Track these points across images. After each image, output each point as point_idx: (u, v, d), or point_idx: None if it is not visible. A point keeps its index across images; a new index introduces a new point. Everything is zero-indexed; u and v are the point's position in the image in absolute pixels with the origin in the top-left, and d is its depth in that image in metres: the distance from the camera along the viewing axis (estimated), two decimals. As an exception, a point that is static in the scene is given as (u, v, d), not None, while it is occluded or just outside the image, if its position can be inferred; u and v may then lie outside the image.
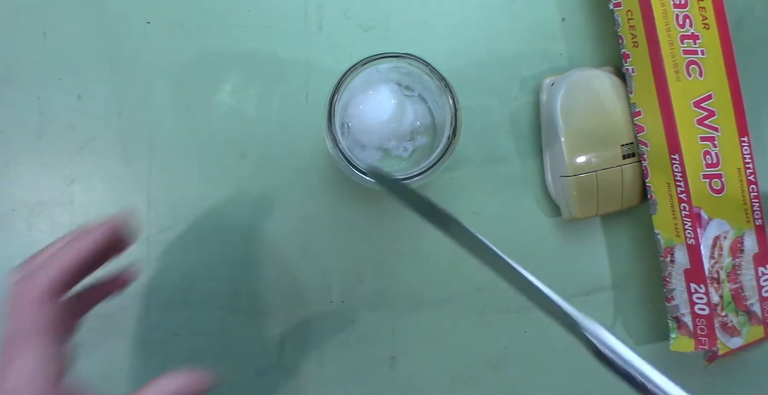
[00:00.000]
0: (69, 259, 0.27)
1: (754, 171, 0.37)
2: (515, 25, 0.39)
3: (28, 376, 0.26)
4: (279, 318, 0.38)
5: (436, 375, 0.39)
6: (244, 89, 0.37)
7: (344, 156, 0.30)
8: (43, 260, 0.28)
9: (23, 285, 0.27)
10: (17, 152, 0.36)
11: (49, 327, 0.27)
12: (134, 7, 0.37)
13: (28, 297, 0.26)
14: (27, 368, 0.26)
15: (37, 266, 0.27)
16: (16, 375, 0.25)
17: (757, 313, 0.37)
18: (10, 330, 0.27)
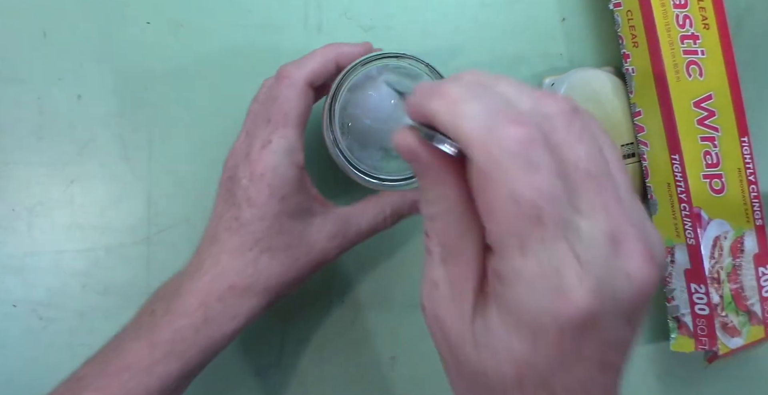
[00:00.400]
0: (327, 57, 0.30)
1: (755, 171, 0.37)
2: (515, 25, 0.39)
3: (277, 162, 0.28)
4: (279, 318, 0.38)
5: (436, 375, 0.39)
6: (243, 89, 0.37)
7: (344, 156, 0.30)
8: (306, 55, 0.30)
9: (290, 69, 0.29)
10: (17, 152, 0.36)
11: (304, 113, 0.29)
12: (134, 7, 0.37)
13: (293, 78, 0.29)
14: (280, 150, 0.28)
15: (302, 58, 0.30)
16: (268, 158, 0.28)
17: (757, 313, 0.37)
18: (266, 108, 0.29)
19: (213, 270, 0.28)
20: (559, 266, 0.17)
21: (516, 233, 0.17)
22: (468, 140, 0.17)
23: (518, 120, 0.17)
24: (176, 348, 0.27)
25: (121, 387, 0.27)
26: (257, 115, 0.30)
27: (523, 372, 0.18)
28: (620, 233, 0.18)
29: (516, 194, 0.16)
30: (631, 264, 0.18)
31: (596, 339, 0.18)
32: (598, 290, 0.17)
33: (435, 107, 0.18)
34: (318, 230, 0.30)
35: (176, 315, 0.28)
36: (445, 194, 0.19)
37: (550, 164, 0.17)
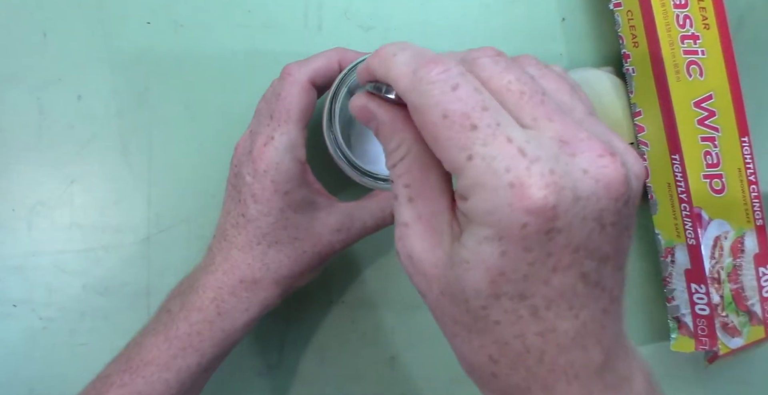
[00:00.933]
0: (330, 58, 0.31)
1: (755, 171, 0.37)
2: (515, 25, 0.39)
3: (279, 158, 0.29)
4: (279, 318, 0.38)
5: (436, 375, 0.39)
6: (244, 89, 0.37)
7: (344, 156, 0.30)
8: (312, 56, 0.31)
9: (293, 67, 0.30)
10: (17, 152, 0.36)
11: (306, 110, 0.30)
12: (134, 7, 0.37)
13: (296, 76, 0.30)
14: (281, 147, 0.29)
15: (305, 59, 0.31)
16: (271, 154, 0.29)
17: (757, 313, 0.37)
18: (269, 105, 0.30)
19: (224, 266, 0.30)
20: (508, 163, 0.17)
21: (459, 147, 0.17)
22: (396, 82, 0.19)
23: (438, 59, 0.19)
24: (193, 342, 0.29)
25: (144, 382, 0.28)
26: (261, 112, 0.30)
27: (497, 282, 0.18)
28: (568, 136, 0.18)
29: (445, 111, 0.18)
30: (584, 160, 0.18)
31: (566, 243, 0.17)
32: (552, 183, 0.17)
33: (372, 63, 0.21)
34: (323, 224, 0.31)
35: (191, 310, 0.29)
36: (401, 139, 0.21)
37: (472, 82, 0.18)
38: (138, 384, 0.28)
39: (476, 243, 0.18)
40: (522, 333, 0.19)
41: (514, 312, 0.18)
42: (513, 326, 0.18)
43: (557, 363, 0.19)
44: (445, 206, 0.20)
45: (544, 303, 0.18)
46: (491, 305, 0.18)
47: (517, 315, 0.18)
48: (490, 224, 0.17)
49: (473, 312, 0.19)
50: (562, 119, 0.19)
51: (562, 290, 0.18)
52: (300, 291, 0.38)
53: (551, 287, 0.18)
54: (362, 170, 0.30)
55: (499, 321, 0.19)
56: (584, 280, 0.18)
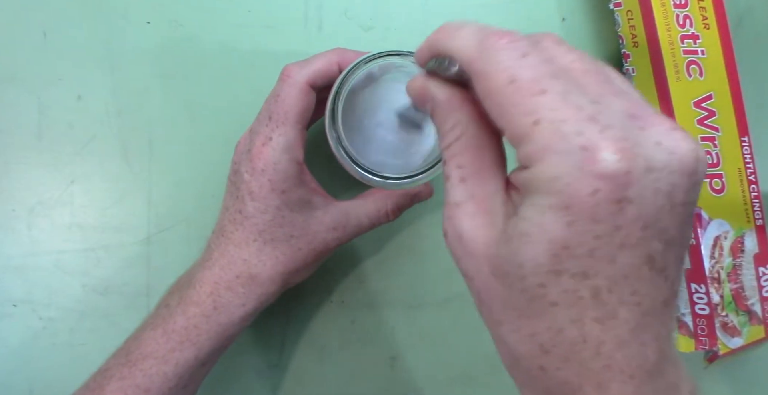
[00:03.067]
0: (330, 60, 0.30)
1: (755, 171, 0.37)
2: (515, 25, 0.39)
3: (277, 158, 0.29)
4: (279, 318, 0.38)
5: (436, 375, 0.39)
6: (243, 89, 0.37)
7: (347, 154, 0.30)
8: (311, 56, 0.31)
9: (292, 69, 0.30)
10: (17, 152, 0.36)
11: (304, 111, 0.30)
12: (134, 7, 0.37)
13: (295, 78, 0.30)
14: (279, 148, 0.29)
15: (305, 60, 0.31)
16: (268, 154, 0.29)
17: (757, 313, 0.37)
18: (269, 106, 0.30)
19: (221, 261, 0.30)
20: (579, 127, 0.16)
21: (525, 112, 0.17)
22: (461, 52, 0.19)
23: (506, 32, 0.18)
24: (190, 336, 0.29)
25: (143, 375, 0.29)
26: (261, 112, 0.31)
27: (559, 256, 0.17)
28: (637, 111, 0.17)
29: (513, 76, 0.17)
30: (657, 133, 0.17)
31: (637, 216, 0.16)
32: (626, 148, 0.16)
33: (434, 38, 0.20)
34: (319, 222, 0.31)
35: (188, 304, 0.30)
36: (457, 119, 0.20)
37: (542, 53, 0.18)
38: (137, 377, 0.29)
39: (539, 213, 0.17)
40: (580, 318, 0.17)
41: (574, 292, 0.17)
42: (571, 309, 0.17)
43: (614, 358, 0.17)
44: (499, 186, 0.20)
45: (607, 285, 0.17)
46: (550, 282, 0.17)
47: (576, 296, 0.17)
48: (557, 190, 0.16)
49: (528, 292, 0.18)
50: (628, 97, 0.18)
51: (627, 271, 0.17)
52: (300, 291, 0.38)
53: (617, 267, 0.17)
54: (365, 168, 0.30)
55: (557, 303, 0.17)
56: (650, 263, 0.17)
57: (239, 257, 0.30)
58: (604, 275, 0.17)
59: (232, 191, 0.31)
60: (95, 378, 0.30)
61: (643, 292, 0.17)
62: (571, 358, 0.18)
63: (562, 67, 0.18)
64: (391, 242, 0.39)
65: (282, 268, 0.31)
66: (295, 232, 0.30)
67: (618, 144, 0.16)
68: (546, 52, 0.19)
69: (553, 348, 0.18)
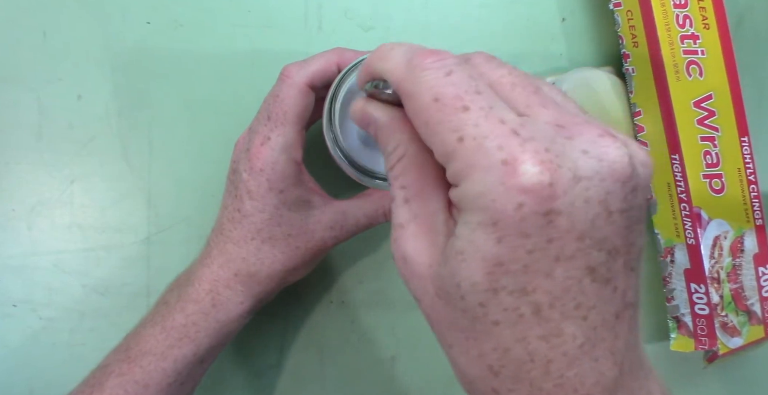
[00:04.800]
0: (329, 60, 0.30)
1: (755, 171, 0.37)
2: (515, 25, 0.39)
3: (275, 158, 0.29)
4: (279, 318, 0.38)
5: (436, 375, 0.39)
6: (243, 89, 0.37)
7: (344, 156, 0.30)
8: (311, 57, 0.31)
9: (292, 69, 0.30)
10: (17, 152, 0.36)
11: (303, 112, 0.30)
12: (134, 7, 0.37)
13: (294, 78, 0.30)
14: (277, 147, 0.29)
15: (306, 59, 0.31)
16: (267, 154, 0.29)
17: (757, 313, 0.37)
18: (268, 106, 0.30)
19: (219, 259, 0.31)
20: (500, 142, 0.16)
21: (450, 129, 0.17)
22: (392, 74, 0.19)
23: (433, 51, 0.19)
24: (188, 332, 0.30)
25: (142, 371, 0.29)
26: (261, 112, 0.31)
27: (494, 273, 0.16)
28: (564, 121, 0.17)
29: (437, 95, 0.17)
30: (583, 142, 0.17)
31: (569, 228, 0.16)
32: (547, 160, 0.16)
33: (369, 60, 0.21)
34: (317, 221, 0.31)
35: (187, 301, 0.30)
36: (398, 140, 0.20)
37: (466, 70, 0.18)
38: (136, 373, 0.29)
39: (470, 231, 0.17)
40: (524, 336, 0.17)
41: (514, 309, 0.17)
42: (513, 327, 0.17)
43: (566, 377, 0.17)
44: (441, 206, 0.19)
45: (548, 300, 0.16)
46: (489, 301, 0.17)
47: (517, 314, 0.17)
48: (483, 207, 0.16)
49: (470, 312, 0.17)
50: (557, 107, 0.18)
51: (568, 285, 0.16)
52: (300, 292, 0.38)
53: (555, 281, 0.16)
54: (362, 168, 0.30)
55: (498, 322, 0.17)
56: (592, 275, 0.17)
57: (238, 255, 0.30)
58: (543, 290, 0.16)
59: (230, 190, 0.31)
60: (94, 374, 0.30)
61: (589, 305, 0.17)
62: (521, 379, 0.17)
63: (490, 81, 0.18)
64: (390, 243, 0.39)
65: (280, 266, 0.31)
66: (293, 231, 0.31)
67: (539, 156, 0.16)
68: (474, 69, 0.19)
69: (502, 369, 0.17)
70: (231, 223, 0.31)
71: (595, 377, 0.17)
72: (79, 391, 0.30)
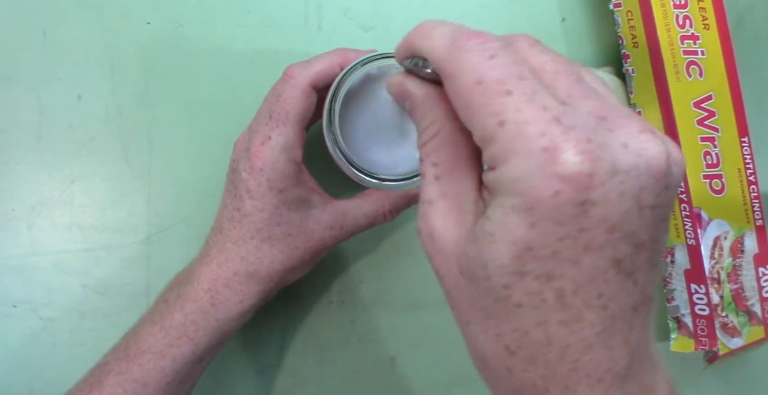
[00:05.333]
0: (332, 61, 0.30)
1: (755, 171, 0.37)
2: (515, 26, 0.39)
3: (276, 157, 0.29)
4: (279, 318, 0.38)
5: (436, 375, 0.39)
6: (243, 89, 0.37)
7: (344, 156, 0.30)
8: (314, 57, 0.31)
9: (295, 69, 0.30)
10: (17, 152, 0.36)
11: (305, 112, 0.30)
12: (134, 7, 0.37)
13: (297, 79, 0.30)
14: (278, 147, 0.29)
15: (309, 59, 0.31)
16: (267, 153, 0.29)
17: (757, 313, 0.37)
18: (269, 105, 0.30)
19: (218, 258, 0.31)
20: (542, 128, 0.16)
21: (491, 112, 0.17)
22: (433, 52, 0.19)
23: (478, 32, 0.18)
24: (187, 331, 0.30)
25: (141, 369, 0.29)
26: (261, 111, 0.31)
27: (523, 257, 0.17)
28: (606, 113, 0.17)
29: (480, 77, 0.17)
30: (624, 135, 0.17)
31: (602, 219, 0.16)
32: (589, 150, 0.16)
33: (410, 36, 0.20)
34: (316, 221, 0.31)
35: (186, 300, 0.30)
36: (434, 117, 0.20)
37: (511, 55, 0.18)
38: (135, 372, 0.29)
39: (503, 214, 0.17)
40: (545, 320, 0.17)
41: (538, 294, 0.17)
42: (535, 311, 0.17)
43: (581, 361, 0.17)
44: (471, 185, 0.20)
45: (572, 287, 0.17)
46: (514, 284, 0.17)
47: (541, 298, 0.17)
48: (520, 192, 0.16)
49: (494, 292, 0.18)
50: (599, 98, 0.18)
51: (593, 274, 0.17)
52: (300, 292, 0.38)
53: (581, 269, 0.17)
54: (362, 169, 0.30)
55: (521, 304, 0.17)
56: (617, 267, 0.17)
57: (237, 254, 0.30)
58: (568, 277, 0.17)
59: (230, 189, 0.31)
60: (93, 372, 0.30)
61: (610, 295, 0.17)
62: (537, 360, 0.18)
63: (532, 68, 0.18)
64: (390, 243, 0.39)
65: (279, 266, 0.31)
66: (293, 230, 0.31)
67: (581, 146, 0.16)
68: (517, 53, 0.19)
69: (519, 350, 0.18)
70: (230, 222, 0.31)
71: (608, 364, 0.17)
72: (77, 389, 0.30)
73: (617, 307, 0.17)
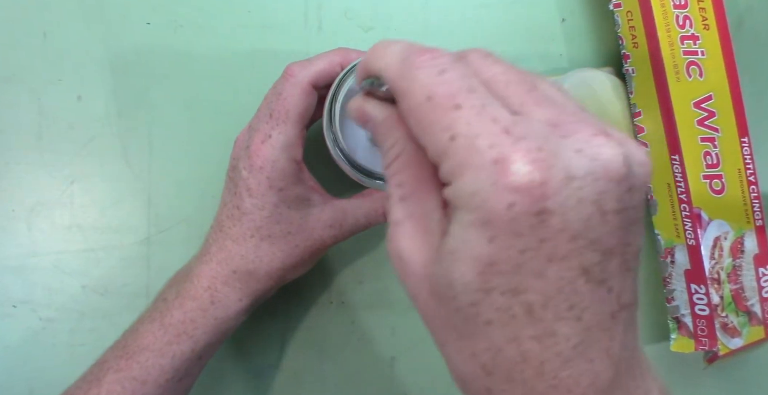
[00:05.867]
0: (333, 61, 0.30)
1: (755, 172, 0.37)
2: (515, 26, 0.39)
3: (276, 156, 0.29)
4: (279, 318, 0.38)
5: (436, 376, 0.39)
6: (243, 89, 0.37)
7: (344, 156, 0.30)
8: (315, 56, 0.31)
9: (295, 68, 0.30)
10: (17, 152, 0.36)
11: (305, 111, 0.30)
12: (134, 8, 0.37)
13: (297, 77, 0.30)
14: (278, 146, 0.29)
15: (310, 58, 0.30)
16: (267, 152, 0.29)
17: (757, 314, 0.37)
18: (269, 104, 0.30)
19: (218, 256, 0.31)
20: (492, 140, 0.16)
21: (442, 127, 0.17)
22: (386, 71, 0.19)
23: (428, 49, 0.18)
24: (186, 329, 0.30)
25: (140, 367, 0.29)
26: (262, 109, 0.31)
27: (486, 273, 0.16)
28: (559, 120, 0.17)
29: (430, 93, 0.17)
30: (577, 141, 0.16)
31: (562, 228, 0.16)
32: (539, 159, 0.15)
33: (366, 58, 0.20)
34: (316, 219, 0.31)
35: (186, 298, 0.30)
36: (395, 138, 0.20)
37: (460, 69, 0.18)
38: (133, 370, 0.29)
39: (462, 230, 0.16)
40: (516, 336, 0.17)
41: (506, 309, 0.16)
42: (506, 327, 0.17)
43: (560, 378, 0.17)
44: (436, 204, 0.19)
45: (541, 300, 0.16)
46: (481, 301, 0.17)
47: (509, 314, 0.16)
48: (475, 206, 0.16)
49: (463, 312, 0.17)
50: (552, 105, 0.18)
51: (561, 285, 0.16)
52: (300, 292, 0.38)
53: (547, 281, 0.16)
54: (362, 168, 0.30)
55: (491, 321, 0.17)
56: (586, 275, 0.16)
57: (237, 252, 0.30)
58: (535, 290, 0.16)
59: (230, 187, 0.31)
60: (92, 370, 0.30)
61: (583, 306, 0.17)
62: (514, 379, 0.17)
63: (484, 79, 0.18)
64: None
65: (279, 264, 0.31)
66: (293, 229, 0.31)
67: (531, 155, 0.16)
68: (469, 66, 0.19)
69: (495, 369, 0.17)
70: (230, 220, 0.31)
71: (590, 378, 0.17)
72: (76, 387, 0.30)
73: (592, 317, 0.17)
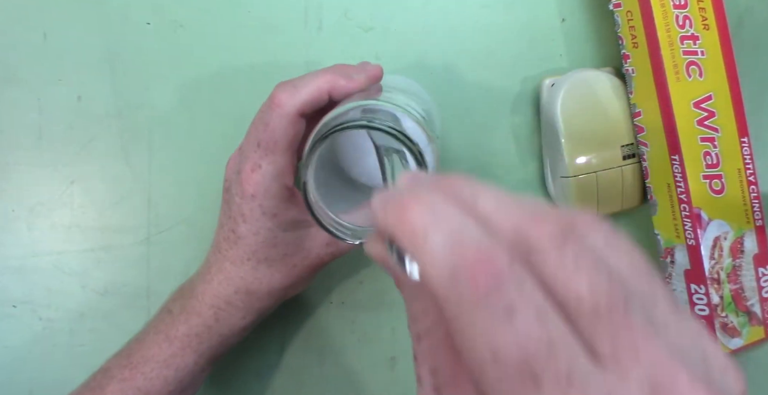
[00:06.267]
0: (321, 89, 0.28)
1: (754, 172, 0.37)
2: (515, 26, 0.39)
3: (267, 184, 0.29)
4: (279, 318, 0.38)
5: (436, 376, 0.39)
6: (243, 90, 0.37)
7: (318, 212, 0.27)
8: (302, 79, 0.29)
9: (282, 98, 0.28)
10: (17, 152, 0.36)
11: (293, 140, 0.29)
12: (134, 8, 0.37)
13: (284, 108, 0.28)
14: (268, 175, 0.28)
15: (297, 82, 0.29)
16: (258, 180, 0.28)
17: (757, 314, 0.37)
18: (258, 132, 0.29)
19: (218, 276, 0.31)
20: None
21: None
22: (430, 282, 0.14)
23: (487, 256, 0.14)
24: (191, 343, 0.30)
25: (144, 378, 0.29)
26: (250, 135, 0.30)
27: None
28: (663, 377, 0.13)
29: (495, 349, 0.13)
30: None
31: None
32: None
33: (397, 234, 0.15)
34: (313, 238, 0.31)
35: (191, 313, 0.30)
36: (426, 308, 0.16)
37: (532, 299, 0.13)
38: (138, 380, 0.29)
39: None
40: None
41: None
42: None
43: None
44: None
45: None
46: None
47: None
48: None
49: None
50: (651, 343, 0.14)
51: None
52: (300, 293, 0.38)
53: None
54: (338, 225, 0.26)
55: None
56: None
57: (236, 274, 0.30)
58: None
59: (225, 210, 0.31)
60: (95, 377, 0.30)
61: None
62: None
63: (561, 297, 0.14)
64: (391, 243, 0.39)
65: (278, 284, 0.31)
66: (289, 251, 0.31)
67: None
68: (543, 269, 0.14)
69: None
70: (227, 242, 0.31)
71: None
72: (78, 393, 0.30)
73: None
